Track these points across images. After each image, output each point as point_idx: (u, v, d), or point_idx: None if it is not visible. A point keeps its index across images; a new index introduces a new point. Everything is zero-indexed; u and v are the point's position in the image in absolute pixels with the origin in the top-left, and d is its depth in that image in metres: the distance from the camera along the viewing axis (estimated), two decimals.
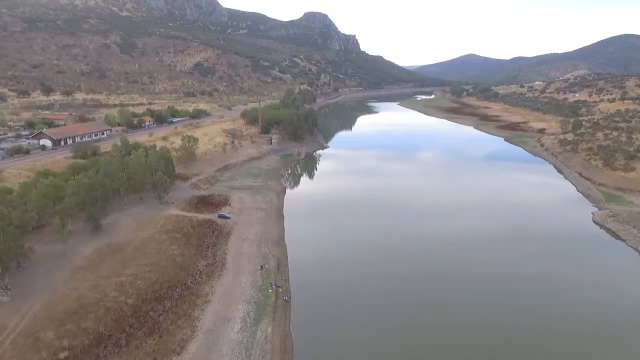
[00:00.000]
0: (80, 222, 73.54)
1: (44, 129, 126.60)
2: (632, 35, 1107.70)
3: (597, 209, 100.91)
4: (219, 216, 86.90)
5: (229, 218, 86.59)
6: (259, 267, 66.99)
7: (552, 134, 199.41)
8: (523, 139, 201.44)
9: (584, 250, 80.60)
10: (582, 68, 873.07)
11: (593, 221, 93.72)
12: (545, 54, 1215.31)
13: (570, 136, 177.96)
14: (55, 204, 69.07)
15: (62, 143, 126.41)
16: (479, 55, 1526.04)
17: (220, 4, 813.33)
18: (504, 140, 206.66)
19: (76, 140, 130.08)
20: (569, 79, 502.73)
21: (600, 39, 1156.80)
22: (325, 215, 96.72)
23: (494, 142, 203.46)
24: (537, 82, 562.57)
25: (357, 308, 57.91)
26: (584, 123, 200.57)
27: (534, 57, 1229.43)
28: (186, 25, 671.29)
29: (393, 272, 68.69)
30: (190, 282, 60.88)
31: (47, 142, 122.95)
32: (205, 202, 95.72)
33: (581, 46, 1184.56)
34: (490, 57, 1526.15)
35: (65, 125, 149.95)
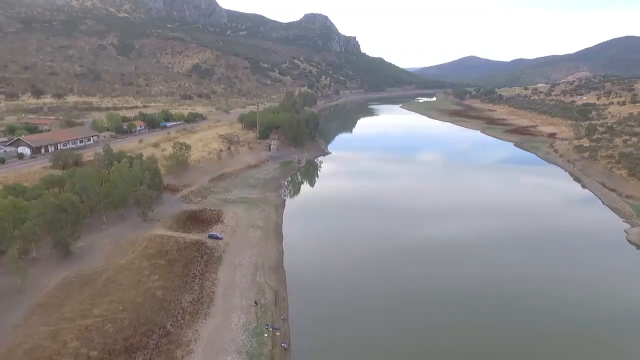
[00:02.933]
0: (47, 246, 63.80)
1: (22, 136, 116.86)
2: (634, 37, 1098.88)
3: (629, 226, 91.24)
4: (209, 236, 77.12)
5: (220, 239, 76.80)
6: (253, 303, 57.18)
7: (565, 139, 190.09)
8: (534, 144, 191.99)
9: (625, 276, 70.73)
10: (584, 70, 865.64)
11: (628, 240, 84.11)
12: (546, 56, 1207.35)
13: (585, 142, 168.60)
14: (17, 227, 59.23)
15: (43, 151, 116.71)
16: (479, 57, 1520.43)
17: (220, 5, 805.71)
18: (514, 145, 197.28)
19: (58, 148, 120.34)
20: (574, 81, 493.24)
21: (601, 41, 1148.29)
22: (329, 232, 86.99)
23: (504, 148, 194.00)
24: (539, 84, 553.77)
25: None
26: (597, 128, 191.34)
27: (534, 59, 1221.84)
28: (185, 27, 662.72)
29: (418, 309, 58.89)
30: (171, 324, 51.02)
31: (26, 150, 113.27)
32: (195, 219, 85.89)
33: (582, 48, 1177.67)
34: (491, 58, 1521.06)
35: (49, 130, 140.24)
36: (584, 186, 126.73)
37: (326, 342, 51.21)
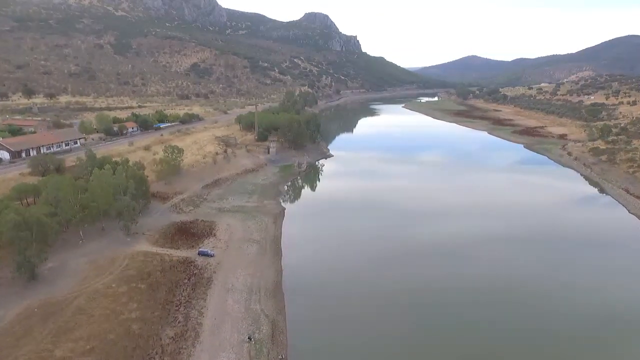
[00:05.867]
0: (10, 268, 55.34)
1: (1, 139, 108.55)
2: (636, 36, 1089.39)
3: None
4: (199, 253, 68.83)
5: (212, 256, 68.48)
6: (247, 338, 48.87)
7: (578, 141, 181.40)
8: (545, 146, 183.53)
9: None
10: (587, 69, 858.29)
11: None
12: (548, 55, 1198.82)
13: (601, 144, 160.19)
14: None
15: (24, 155, 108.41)
16: (480, 57, 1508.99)
17: (220, 4, 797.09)
18: (524, 147, 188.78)
19: (42, 152, 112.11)
20: (579, 80, 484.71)
21: (603, 40, 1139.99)
22: (333, 245, 78.45)
23: (514, 150, 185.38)
24: (543, 84, 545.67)
25: None
26: (612, 129, 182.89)
27: (536, 59, 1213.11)
28: (184, 26, 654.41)
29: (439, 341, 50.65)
30: None
31: (5, 154, 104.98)
32: (184, 232, 77.60)
33: (584, 47, 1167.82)
34: (492, 58, 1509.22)
35: (34, 132, 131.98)
36: (604, 192, 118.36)
37: None
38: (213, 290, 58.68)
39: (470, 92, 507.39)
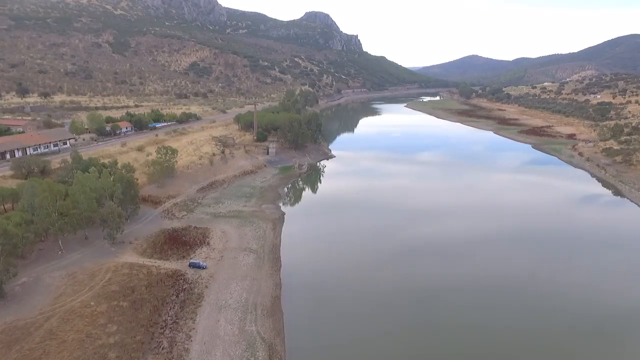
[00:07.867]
0: None
1: None
2: (639, 35, 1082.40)
3: None
4: (190, 265, 62.75)
5: (204, 268, 62.41)
6: None
7: (589, 141, 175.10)
8: (554, 147, 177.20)
9: None
10: (590, 68, 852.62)
11: None
12: (549, 55, 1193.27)
13: (614, 144, 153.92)
14: None
15: (8, 156, 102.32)
16: (481, 56, 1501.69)
17: (220, 3, 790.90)
18: (532, 147, 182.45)
19: (28, 153, 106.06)
20: (584, 79, 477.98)
21: (605, 40, 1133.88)
22: (337, 255, 72.28)
23: (522, 150, 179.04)
24: (546, 83, 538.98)
25: None
26: (623, 128, 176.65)
27: (537, 58, 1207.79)
28: (183, 25, 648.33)
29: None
30: None
31: None
32: (175, 241, 71.47)
33: (586, 47, 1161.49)
34: (493, 57, 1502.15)
35: (23, 132, 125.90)
36: (621, 194, 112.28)
37: None
38: (204, 309, 52.58)
39: (473, 91, 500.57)
